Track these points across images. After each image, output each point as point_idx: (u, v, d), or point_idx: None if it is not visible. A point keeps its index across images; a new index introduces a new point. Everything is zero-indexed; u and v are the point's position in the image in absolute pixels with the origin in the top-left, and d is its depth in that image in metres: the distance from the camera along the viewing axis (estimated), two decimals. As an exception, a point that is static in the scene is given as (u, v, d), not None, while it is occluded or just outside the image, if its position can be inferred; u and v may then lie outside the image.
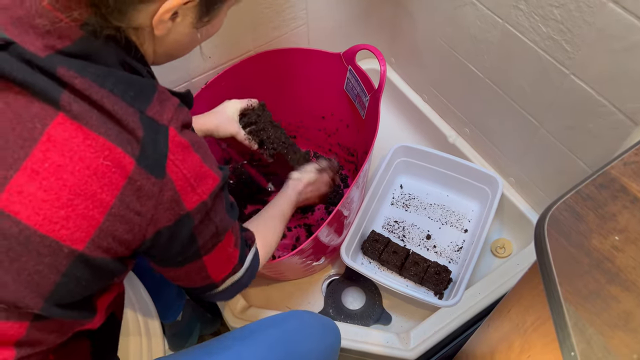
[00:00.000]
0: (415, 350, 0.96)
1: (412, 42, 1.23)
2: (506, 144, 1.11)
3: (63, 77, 0.45)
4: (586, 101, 0.83)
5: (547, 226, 0.47)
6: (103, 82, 0.46)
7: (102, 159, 0.46)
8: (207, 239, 0.56)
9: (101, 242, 0.48)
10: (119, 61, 0.50)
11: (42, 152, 0.44)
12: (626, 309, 0.42)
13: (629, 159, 0.50)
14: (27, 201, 0.44)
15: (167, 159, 0.48)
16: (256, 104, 0.94)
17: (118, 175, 0.46)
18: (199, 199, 0.52)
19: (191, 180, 0.50)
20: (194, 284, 0.63)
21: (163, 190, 0.48)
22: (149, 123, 0.48)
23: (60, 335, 0.53)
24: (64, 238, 0.46)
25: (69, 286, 0.48)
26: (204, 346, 0.70)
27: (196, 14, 0.53)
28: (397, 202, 1.23)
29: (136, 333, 0.79)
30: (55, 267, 0.46)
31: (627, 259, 0.44)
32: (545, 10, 0.82)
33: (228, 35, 1.03)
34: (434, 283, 1.07)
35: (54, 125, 0.45)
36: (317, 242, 0.94)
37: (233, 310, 1.01)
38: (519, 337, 0.59)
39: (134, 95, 0.48)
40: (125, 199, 0.47)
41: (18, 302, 0.46)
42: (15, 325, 0.48)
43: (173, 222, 0.51)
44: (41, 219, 0.45)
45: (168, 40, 0.55)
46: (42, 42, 0.45)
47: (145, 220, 0.49)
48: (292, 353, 0.72)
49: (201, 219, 0.53)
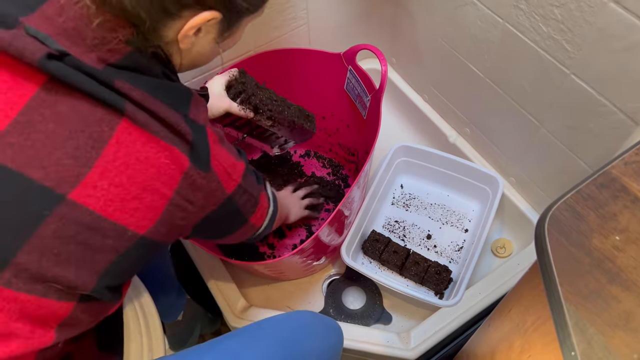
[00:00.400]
0: (416, 350, 0.96)
1: (412, 42, 1.23)
2: (507, 144, 1.11)
3: (121, 89, 0.50)
4: (587, 101, 0.83)
5: (547, 226, 0.47)
6: (155, 93, 0.53)
7: (163, 158, 0.52)
8: (249, 207, 0.68)
9: (160, 228, 0.55)
10: (162, 73, 0.57)
11: (112, 153, 0.50)
12: (627, 309, 0.42)
13: (630, 158, 0.50)
14: (100, 195, 0.50)
15: (211, 155, 0.57)
16: (237, 73, 0.94)
17: (176, 172, 0.54)
18: (235, 183, 0.62)
19: (228, 170, 0.60)
20: (244, 238, 0.76)
21: (210, 182, 0.57)
22: (192, 125, 0.55)
23: (95, 318, 0.59)
24: (131, 224, 0.53)
25: (121, 265, 0.55)
26: (205, 346, 0.70)
27: (218, 30, 0.59)
28: (397, 202, 1.23)
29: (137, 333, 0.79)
30: (115, 248, 0.53)
31: (628, 259, 0.44)
32: (545, 9, 0.82)
33: (228, 35, 1.03)
34: (435, 283, 1.07)
35: (121, 129, 0.50)
36: (318, 242, 0.94)
37: (233, 310, 1.01)
38: (520, 337, 0.59)
39: (178, 101, 0.55)
40: (181, 191, 0.55)
41: (76, 280, 0.51)
42: (65, 305, 0.52)
43: (218, 206, 0.60)
44: (112, 210, 0.51)
45: (192, 53, 0.61)
46: (94, 54, 0.50)
47: (196, 208, 0.57)
48: (295, 353, 0.72)
49: (240, 196, 0.64)
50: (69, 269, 0.51)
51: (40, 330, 0.51)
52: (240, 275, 1.12)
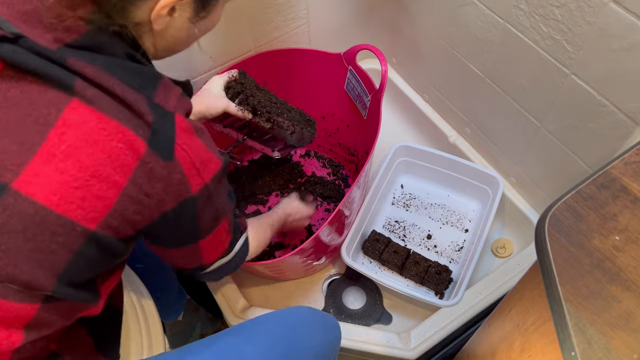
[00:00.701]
0: (416, 350, 0.96)
1: (412, 42, 1.23)
2: (507, 144, 1.11)
3: (73, 67, 0.47)
4: (587, 101, 0.83)
5: (547, 226, 0.47)
6: (113, 71, 0.48)
7: (115, 142, 0.47)
8: (208, 221, 0.59)
9: (112, 222, 0.50)
10: (126, 54, 0.52)
11: (58, 136, 0.46)
12: (627, 309, 0.42)
13: (630, 158, 0.50)
14: (43, 183, 0.46)
15: (175, 143, 0.51)
16: (237, 74, 0.94)
17: (131, 158, 0.48)
18: (203, 182, 0.54)
19: (197, 164, 0.53)
20: (187, 266, 0.67)
21: (172, 173, 0.51)
22: (156, 109, 0.50)
23: (66, 318, 0.54)
24: (79, 218, 0.48)
25: (80, 265, 0.50)
26: (205, 342, 0.70)
27: (193, 9, 0.55)
28: (397, 202, 1.23)
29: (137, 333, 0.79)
30: (68, 245, 0.48)
31: (628, 259, 0.44)
32: (546, 10, 0.82)
33: (229, 34, 1.03)
34: (435, 283, 1.07)
35: (69, 109, 0.46)
36: (318, 242, 0.94)
37: (233, 310, 1.01)
38: (520, 337, 0.59)
39: (141, 83, 0.50)
40: (137, 180, 0.49)
41: (32, 282, 0.48)
42: (27, 307, 0.49)
43: (178, 205, 0.53)
44: (57, 199, 0.46)
45: (166, 35, 0.57)
46: (51, 35, 0.47)
47: (154, 202, 0.51)
48: (293, 348, 0.72)
49: (204, 202, 0.56)
50: (22, 268, 0.47)
51: (5, 332, 0.49)
52: (240, 275, 1.12)
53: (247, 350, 0.68)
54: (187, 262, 0.65)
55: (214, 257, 0.67)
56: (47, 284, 0.49)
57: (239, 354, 0.68)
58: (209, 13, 0.59)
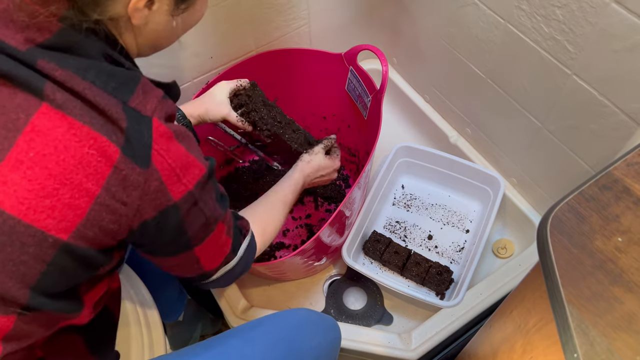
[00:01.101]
0: (417, 351, 0.96)
1: (413, 43, 1.23)
2: (508, 145, 1.10)
3: (43, 70, 0.45)
4: (588, 102, 0.83)
5: (549, 227, 0.46)
6: (84, 74, 0.46)
7: (87, 148, 0.46)
8: (197, 229, 0.56)
9: (86, 232, 0.47)
10: (101, 53, 0.50)
11: (27, 142, 0.44)
12: (629, 311, 0.41)
13: (632, 159, 0.50)
14: (11, 191, 0.44)
15: (152, 149, 0.48)
16: (246, 84, 0.93)
17: (103, 165, 0.46)
18: (185, 189, 0.52)
19: (177, 170, 0.50)
20: (187, 274, 0.63)
21: (149, 180, 0.48)
22: (131, 113, 0.48)
23: (47, 328, 0.52)
24: (49, 228, 0.46)
25: (54, 276, 0.48)
26: (205, 343, 0.70)
27: (172, 1, 0.54)
28: (398, 203, 1.23)
29: (138, 333, 0.79)
30: (40, 257, 0.46)
31: (630, 260, 0.44)
32: (547, 10, 0.82)
33: (229, 35, 1.03)
34: (436, 283, 1.07)
35: (38, 115, 0.45)
36: (319, 242, 0.94)
37: (234, 310, 1.01)
38: (521, 338, 0.59)
39: (116, 86, 0.48)
40: (111, 188, 0.47)
41: (5, 294, 0.46)
42: (3, 319, 0.47)
43: (159, 213, 0.51)
44: (25, 209, 0.44)
45: (147, 30, 0.55)
46: (22, 35, 0.46)
47: (131, 211, 0.49)
48: (293, 350, 0.72)
49: (188, 209, 0.53)
50: None
51: None
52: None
53: (247, 352, 0.68)
54: (186, 270, 0.63)
55: (216, 264, 0.64)
56: (19, 295, 0.47)
57: (239, 355, 0.68)
58: (190, 5, 0.57)
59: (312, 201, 1.23)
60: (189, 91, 1.05)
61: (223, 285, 0.69)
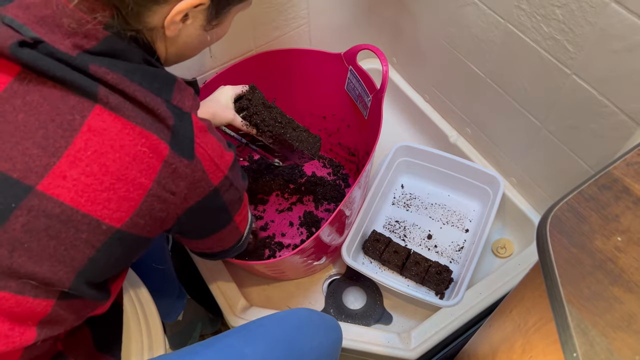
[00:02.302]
0: (417, 350, 0.96)
1: (413, 42, 1.23)
2: (508, 144, 1.10)
3: (96, 74, 0.48)
4: (588, 101, 0.83)
5: (549, 227, 0.46)
6: (132, 77, 0.50)
7: (140, 146, 0.50)
8: (234, 203, 0.64)
9: (138, 221, 0.52)
10: (143, 59, 0.54)
11: (84, 141, 0.48)
12: (629, 310, 0.41)
13: (632, 159, 0.50)
14: (70, 185, 0.48)
15: (195, 142, 0.54)
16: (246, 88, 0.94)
17: (155, 160, 0.51)
18: (222, 174, 0.58)
19: (215, 159, 0.56)
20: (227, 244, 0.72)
21: (194, 171, 0.54)
22: (175, 111, 0.53)
23: (79, 316, 0.56)
24: (104, 217, 0.50)
25: (101, 262, 0.52)
26: (205, 343, 0.70)
27: (206, 17, 0.58)
28: (398, 202, 1.23)
29: (137, 332, 0.79)
30: (91, 242, 0.50)
31: (630, 260, 0.44)
32: (547, 10, 0.82)
33: (229, 34, 1.02)
34: (435, 283, 1.07)
35: (93, 116, 0.48)
36: (319, 242, 0.94)
37: (234, 309, 1.01)
38: (521, 338, 0.59)
39: (159, 86, 0.53)
40: (161, 181, 0.52)
41: (52, 277, 0.49)
42: (43, 302, 0.50)
43: (202, 197, 0.57)
44: (84, 201, 0.48)
45: (178, 41, 0.59)
46: (70, 41, 0.49)
47: (179, 199, 0.54)
48: (294, 350, 0.72)
49: (226, 190, 0.60)
50: (43, 264, 0.49)
51: (19, 328, 0.50)
52: (240, 275, 1.12)
53: (247, 352, 0.68)
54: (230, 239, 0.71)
55: (245, 221, 0.72)
56: (65, 279, 0.50)
57: (239, 355, 0.68)
58: (221, 22, 0.61)
59: (312, 201, 1.23)
60: (189, 90, 1.05)
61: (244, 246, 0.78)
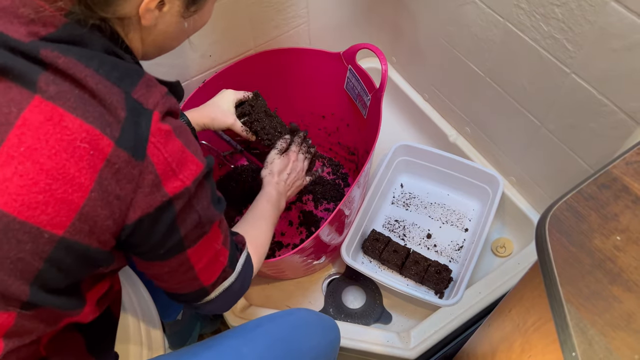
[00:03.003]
0: (416, 350, 0.96)
1: (413, 41, 1.23)
2: (507, 143, 1.10)
3: (46, 58, 0.44)
4: (587, 100, 0.83)
5: (548, 226, 0.46)
6: (88, 62, 0.46)
7: (78, 141, 0.45)
8: (190, 228, 0.54)
9: (82, 227, 0.47)
10: (105, 49, 0.50)
11: (17, 137, 0.44)
12: (628, 310, 0.41)
13: (631, 158, 0.50)
14: (3, 187, 0.43)
15: (148, 141, 0.47)
16: (250, 94, 0.94)
17: (96, 158, 0.45)
18: (182, 184, 0.50)
19: (173, 164, 0.49)
20: (182, 288, 0.60)
21: (143, 173, 0.47)
22: (133, 105, 0.47)
23: (49, 324, 0.52)
24: (44, 223, 0.45)
25: (52, 272, 0.47)
26: (204, 343, 0.70)
27: (183, 3, 0.54)
28: (397, 201, 1.23)
29: (136, 332, 0.79)
30: (37, 253, 0.46)
31: (629, 259, 0.44)
32: (546, 9, 0.82)
33: (228, 33, 1.03)
34: (435, 282, 1.07)
35: (30, 108, 0.44)
36: (318, 241, 0.94)
37: (233, 309, 1.01)
38: (520, 337, 0.59)
39: (119, 76, 0.48)
40: (103, 182, 0.46)
41: (4, 291, 0.46)
42: (4, 315, 0.47)
43: (154, 208, 0.49)
44: (19, 205, 0.44)
45: (155, 31, 0.55)
46: (25, 29, 0.46)
47: (125, 204, 0.48)
48: (292, 350, 0.72)
49: (183, 205, 0.51)
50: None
51: None
52: (240, 275, 1.12)
53: (245, 352, 0.68)
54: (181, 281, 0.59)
55: (214, 277, 0.60)
56: (19, 292, 0.46)
57: (237, 355, 0.68)
58: (200, 8, 0.57)
59: (312, 200, 1.23)
60: (187, 90, 1.05)
61: (222, 307, 0.66)
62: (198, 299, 0.62)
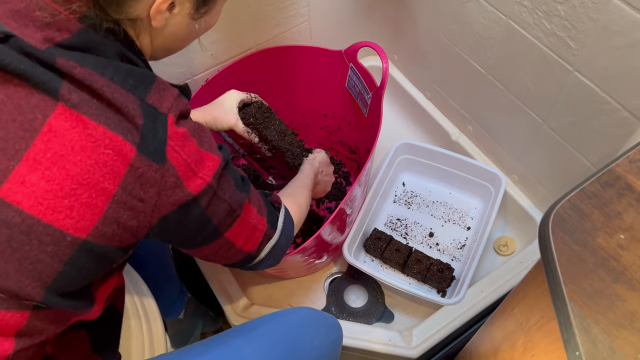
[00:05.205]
0: (418, 349, 0.95)
1: (414, 39, 1.23)
2: (509, 142, 1.10)
3: (62, 68, 0.45)
4: (590, 98, 0.82)
5: (551, 224, 0.46)
6: (103, 71, 0.47)
7: (102, 148, 0.46)
8: (223, 217, 0.57)
9: (105, 230, 0.48)
10: (118, 54, 0.51)
11: (44, 143, 0.45)
12: (632, 308, 0.41)
13: (634, 156, 0.49)
14: (29, 191, 0.45)
15: (167, 145, 0.49)
16: (256, 98, 0.94)
17: (119, 163, 0.47)
18: (203, 182, 0.53)
19: (192, 165, 0.51)
20: (229, 260, 0.65)
21: (165, 176, 0.49)
22: (148, 110, 0.49)
23: (59, 325, 0.53)
24: (67, 227, 0.46)
25: (71, 275, 0.49)
26: (206, 342, 0.70)
27: (193, 5, 0.55)
28: (399, 200, 1.23)
29: (138, 331, 0.79)
30: (57, 255, 0.47)
31: (633, 258, 0.44)
32: (549, 6, 0.81)
33: (230, 31, 1.03)
34: (437, 281, 1.06)
35: (55, 115, 0.45)
36: (320, 240, 0.94)
37: (235, 308, 1.01)
38: (523, 336, 0.59)
39: (134, 83, 0.49)
40: (127, 186, 0.48)
41: (19, 292, 0.47)
42: (16, 315, 0.48)
43: (178, 207, 0.52)
44: (44, 209, 0.45)
45: (165, 33, 0.56)
46: (41, 34, 0.46)
47: (149, 207, 0.50)
48: (294, 349, 0.72)
49: (209, 200, 0.54)
50: (9, 279, 0.46)
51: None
52: (242, 273, 1.12)
53: (247, 351, 0.68)
54: (228, 256, 0.64)
55: (257, 243, 0.65)
56: (34, 294, 0.47)
57: (239, 355, 0.68)
58: (210, 10, 0.58)
59: (313, 199, 1.23)
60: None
61: (274, 262, 0.71)
62: (248, 262, 0.68)
